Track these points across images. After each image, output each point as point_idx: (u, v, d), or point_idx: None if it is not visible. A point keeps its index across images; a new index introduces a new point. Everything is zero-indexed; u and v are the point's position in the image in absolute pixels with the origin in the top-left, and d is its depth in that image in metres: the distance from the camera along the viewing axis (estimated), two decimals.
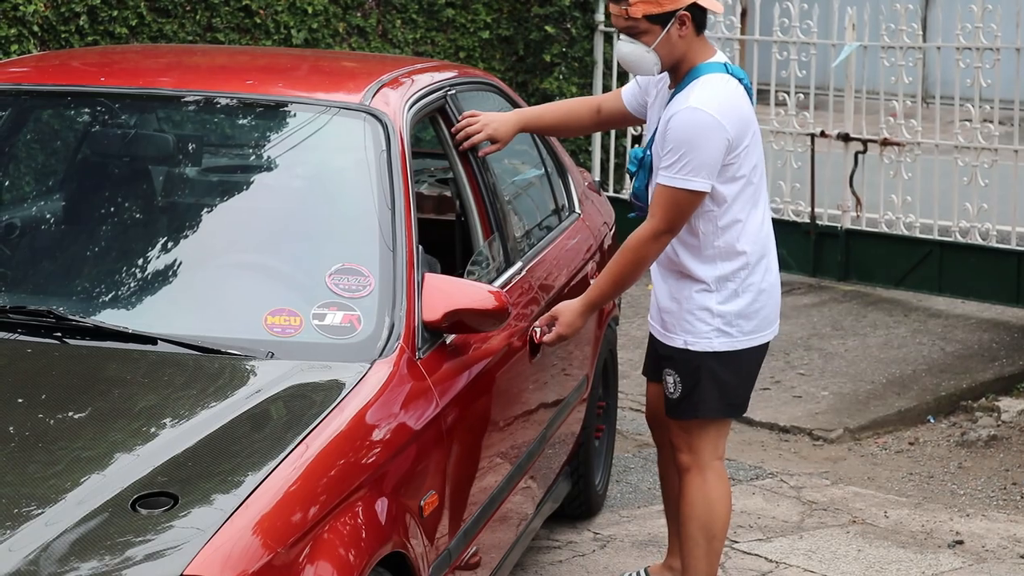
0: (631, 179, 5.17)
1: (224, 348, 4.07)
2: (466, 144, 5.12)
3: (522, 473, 5.01)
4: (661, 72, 4.98)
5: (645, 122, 5.30)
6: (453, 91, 5.21)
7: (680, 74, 4.96)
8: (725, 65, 4.97)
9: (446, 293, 4.30)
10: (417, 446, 4.02)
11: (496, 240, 5.07)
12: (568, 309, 5.01)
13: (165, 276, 4.36)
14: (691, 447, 5.11)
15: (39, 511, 3.35)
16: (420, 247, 4.42)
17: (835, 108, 9.97)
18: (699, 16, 4.91)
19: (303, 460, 3.60)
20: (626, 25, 4.89)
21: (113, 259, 4.48)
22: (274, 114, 4.75)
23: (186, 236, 4.50)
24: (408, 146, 4.58)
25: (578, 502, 6.16)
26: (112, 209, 4.67)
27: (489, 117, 5.22)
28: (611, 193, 10.55)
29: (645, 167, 5.03)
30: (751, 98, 5.00)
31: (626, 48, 4.94)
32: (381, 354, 4.07)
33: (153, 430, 3.72)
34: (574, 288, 5.60)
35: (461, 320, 4.30)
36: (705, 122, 4.79)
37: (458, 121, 5.14)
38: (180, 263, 4.40)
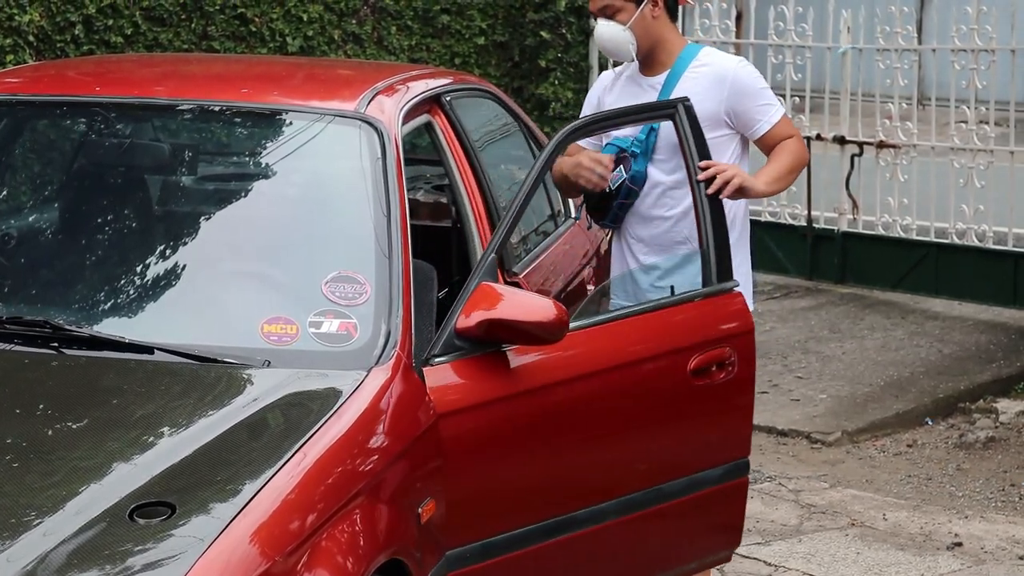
0: (627, 164, 5.25)
1: (221, 357, 4.06)
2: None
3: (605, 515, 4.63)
4: (638, 56, 5.16)
5: None
6: (449, 97, 5.20)
7: (662, 58, 5.17)
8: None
9: (493, 302, 4.22)
10: (414, 453, 4.01)
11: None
12: (745, 174, 5.03)
13: (161, 285, 4.36)
14: None
15: (37, 521, 3.35)
16: (495, 256, 4.36)
17: (831, 111, 9.98)
18: (670, 0, 5.22)
19: (301, 468, 3.60)
20: (602, 5, 5.12)
21: (109, 268, 4.48)
22: (269, 122, 4.75)
23: (182, 245, 4.49)
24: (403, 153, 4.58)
25: None
26: (108, 218, 4.67)
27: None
28: None
29: (647, 151, 5.18)
30: None
31: (603, 28, 5.16)
32: (378, 362, 4.07)
33: (150, 439, 3.72)
34: (571, 294, 5.60)
35: (499, 329, 4.19)
36: (755, 69, 5.27)
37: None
38: (176, 272, 4.39)
